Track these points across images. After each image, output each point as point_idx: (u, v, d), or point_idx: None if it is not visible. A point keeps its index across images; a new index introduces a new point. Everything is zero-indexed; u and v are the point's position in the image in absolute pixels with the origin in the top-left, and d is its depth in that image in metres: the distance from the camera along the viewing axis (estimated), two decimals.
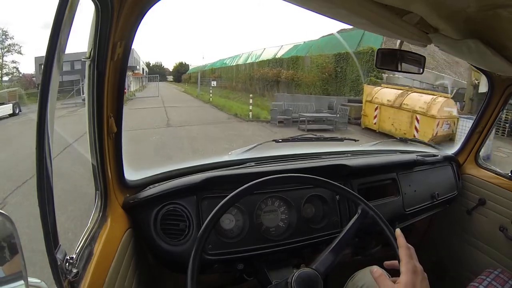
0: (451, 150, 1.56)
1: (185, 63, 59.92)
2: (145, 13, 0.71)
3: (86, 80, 0.71)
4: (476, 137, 1.48)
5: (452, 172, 1.48)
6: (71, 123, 7.29)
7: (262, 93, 15.61)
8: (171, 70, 65.70)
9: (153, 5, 0.71)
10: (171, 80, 59.13)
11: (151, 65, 65.99)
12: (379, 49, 1.02)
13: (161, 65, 69.38)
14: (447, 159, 1.48)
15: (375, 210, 0.72)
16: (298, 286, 0.64)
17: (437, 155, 1.45)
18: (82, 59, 0.69)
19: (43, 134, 0.50)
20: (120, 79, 0.76)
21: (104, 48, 0.67)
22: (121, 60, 0.73)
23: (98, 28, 0.66)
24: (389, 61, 1.02)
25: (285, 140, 1.37)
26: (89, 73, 0.70)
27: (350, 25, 0.78)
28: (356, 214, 0.74)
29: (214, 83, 18.85)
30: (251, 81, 17.54)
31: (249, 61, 20.04)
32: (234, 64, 22.84)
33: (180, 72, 54.09)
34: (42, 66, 0.49)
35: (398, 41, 1.00)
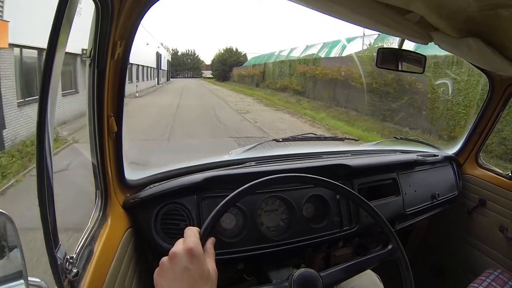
0: (451, 150, 1.56)
1: (236, 49, 35.28)
2: (145, 13, 0.71)
3: (86, 79, 0.72)
4: (476, 137, 1.48)
5: (453, 172, 1.48)
6: None
7: None
8: (207, 63, 43.98)
9: (153, 5, 0.71)
10: (209, 76, 39.01)
11: (179, 53, 45.58)
12: (379, 48, 1.02)
13: (194, 54, 46.66)
14: (448, 159, 1.48)
15: (403, 253, 0.71)
16: (298, 286, 0.64)
17: (438, 155, 1.45)
18: (83, 58, 0.69)
19: (43, 134, 0.50)
20: (121, 79, 0.76)
21: (104, 47, 0.67)
22: (121, 60, 0.73)
23: (98, 27, 0.66)
24: (389, 60, 1.02)
25: (285, 140, 1.36)
26: (90, 72, 0.70)
27: (352, 23, 0.78)
28: (386, 249, 0.72)
29: None
30: None
31: None
32: None
33: (227, 65, 33.23)
34: (42, 64, 0.49)
35: (398, 40, 1.00)
